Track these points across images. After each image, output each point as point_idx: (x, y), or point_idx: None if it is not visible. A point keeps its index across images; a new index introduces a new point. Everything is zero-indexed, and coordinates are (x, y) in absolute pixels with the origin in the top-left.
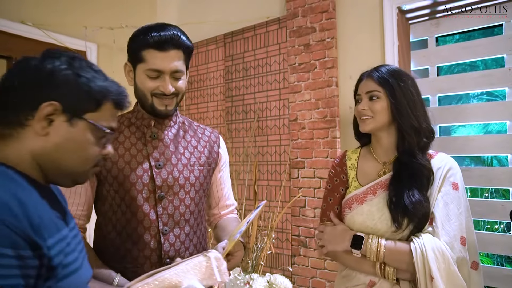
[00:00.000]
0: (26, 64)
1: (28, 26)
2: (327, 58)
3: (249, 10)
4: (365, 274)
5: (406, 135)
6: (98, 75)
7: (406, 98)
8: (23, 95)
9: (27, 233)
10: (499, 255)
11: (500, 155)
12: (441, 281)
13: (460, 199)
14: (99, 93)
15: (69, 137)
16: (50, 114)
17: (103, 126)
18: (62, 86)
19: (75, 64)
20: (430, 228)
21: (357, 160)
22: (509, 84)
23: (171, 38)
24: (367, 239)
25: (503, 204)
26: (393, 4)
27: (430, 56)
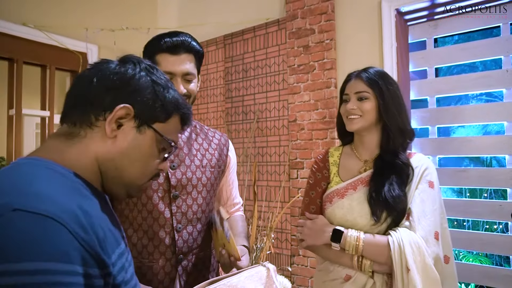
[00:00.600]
0: (107, 66)
1: (29, 28)
2: (326, 59)
3: (248, 12)
4: (342, 268)
5: (392, 135)
6: (171, 86)
7: (394, 100)
8: (99, 95)
9: (95, 249)
10: (498, 255)
11: (499, 155)
12: (417, 272)
13: (435, 196)
14: (171, 105)
15: (135, 144)
16: (121, 118)
17: (167, 137)
18: (139, 92)
19: (154, 72)
20: (407, 222)
21: (339, 157)
22: (507, 85)
23: (183, 42)
24: (347, 233)
25: (501, 204)
26: (391, 6)
27: (429, 58)
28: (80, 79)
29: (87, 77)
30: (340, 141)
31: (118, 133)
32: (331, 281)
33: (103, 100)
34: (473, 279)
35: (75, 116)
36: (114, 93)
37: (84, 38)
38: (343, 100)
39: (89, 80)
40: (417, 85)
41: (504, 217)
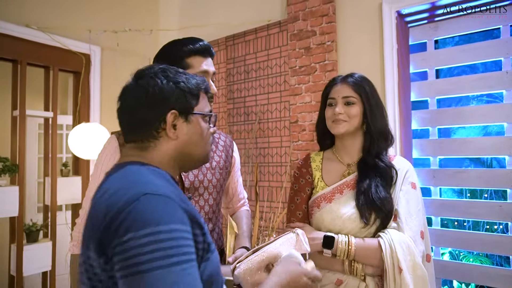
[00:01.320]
0: (136, 91)
1: (32, 30)
2: (327, 61)
3: (250, 14)
4: (332, 273)
5: (376, 139)
6: (186, 75)
7: (378, 105)
8: (147, 116)
9: (196, 216)
10: (498, 255)
11: (499, 156)
12: (408, 272)
13: (418, 197)
14: (195, 89)
15: (191, 133)
16: (173, 121)
17: (206, 112)
18: (171, 96)
19: (170, 75)
20: (395, 224)
21: (321, 162)
22: (507, 87)
23: (209, 47)
24: (337, 239)
25: (501, 205)
26: (392, 8)
27: (429, 59)
28: (123, 110)
29: (128, 107)
30: (319, 145)
31: (177, 133)
32: (322, 287)
33: (152, 117)
34: (474, 279)
35: (139, 136)
36: (157, 108)
37: (87, 40)
38: (327, 104)
39: (131, 109)
40: (417, 87)
41: (504, 217)
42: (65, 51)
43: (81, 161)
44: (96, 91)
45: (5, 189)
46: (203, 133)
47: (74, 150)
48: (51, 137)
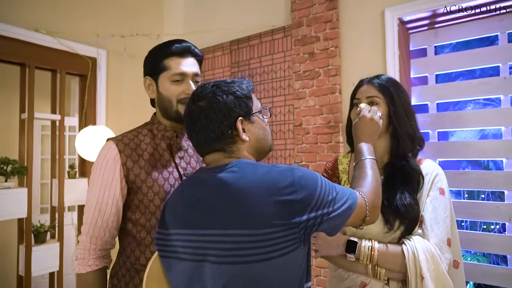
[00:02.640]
0: (205, 111)
1: (42, 34)
2: (331, 66)
3: (255, 19)
4: (356, 275)
5: (402, 141)
6: (235, 83)
7: (404, 107)
8: (221, 130)
9: None
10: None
11: (496, 159)
12: (430, 280)
13: (446, 203)
14: (248, 92)
15: (257, 129)
16: (242, 126)
17: (261, 108)
18: (235, 106)
19: (225, 89)
20: (420, 230)
21: (348, 164)
22: (504, 92)
23: (188, 47)
24: (360, 243)
25: (498, 206)
26: (394, 15)
27: (429, 64)
28: (199, 130)
29: (204, 126)
30: (350, 147)
31: (248, 134)
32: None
33: (226, 128)
34: (472, 278)
35: (220, 145)
36: (227, 120)
37: (94, 43)
38: (353, 104)
39: (207, 127)
40: (418, 91)
41: (501, 218)
42: (72, 55)
43: (87, 163)
44: (102, 94)
45: (14, 191)
46: (265, 127)
47: (81, 152)
48: (58, 139)
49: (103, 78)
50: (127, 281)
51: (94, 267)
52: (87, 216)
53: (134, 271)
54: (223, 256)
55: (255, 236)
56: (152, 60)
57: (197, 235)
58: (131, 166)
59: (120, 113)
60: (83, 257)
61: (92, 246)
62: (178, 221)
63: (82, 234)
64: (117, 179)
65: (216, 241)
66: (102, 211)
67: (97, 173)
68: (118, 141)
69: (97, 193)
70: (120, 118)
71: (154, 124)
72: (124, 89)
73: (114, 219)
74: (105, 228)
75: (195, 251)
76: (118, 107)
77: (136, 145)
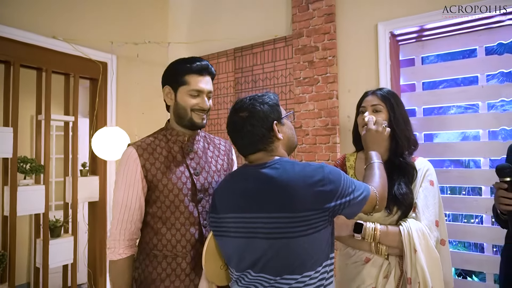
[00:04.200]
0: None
1: (58, 41)
2: (329, 73)
3: (258, 29)
4: (362, 252)
5: (400, 142)
6: (266, 95)
7: (402, 114)
8: (263, 133)
9: None
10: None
11: (475, 158)
12: (422, 252)
13: (435, 192)
14: (277, 101)
15: (287, 129)
16: (277, 128)
17: (286, 113)
18: (271, 113)
19: (259, 100)
20: (414, 214)
21: (354, 161)
22: (482, 99)
23: (207, 66)
24: (366, 225)
25: (476, 200)
26: (386, 29)
27: (417, 73)
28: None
29: (249, 131)
30: (355, 147)
31: (281, 134)
32: (353, 263)
33: (266, 131)
34: (454, 264)
35: (263, 146)
36: (266, 124)
37: (105, 49)
38: (359, 112)
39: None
40: (407, 97)
41: (479, 210)
42: (85, 60)
43: (98, 162)
44: (112, 96)
45: (33, 187)
46: (292, 127)
47: (97, 151)
48: (72, 139)
49: (113, 82)
50: (147, 263)
51: (124, 255)
52: (115, 212)
53: (153, 255)
54: (270, 233)
55: (296, 218)
56: (174, 73)
57: (248, 217)
58: (149, 167)
59: (129, 114)
60: (114, 247)
61: (121, 237)
62: (230, 207)
63: (112, 227)
64: (138, 179)
65: (264, 222)
66: (128, 207)
67: (121, 175)
68: (138, 146)
69: (123, 193)
70: (128, 119)
71: (168, 130)
72: (132, 92)
73: (138, 213)
74: (131, 221)
75: (247, 229)
76: (127, 109)
77: (153, 149)
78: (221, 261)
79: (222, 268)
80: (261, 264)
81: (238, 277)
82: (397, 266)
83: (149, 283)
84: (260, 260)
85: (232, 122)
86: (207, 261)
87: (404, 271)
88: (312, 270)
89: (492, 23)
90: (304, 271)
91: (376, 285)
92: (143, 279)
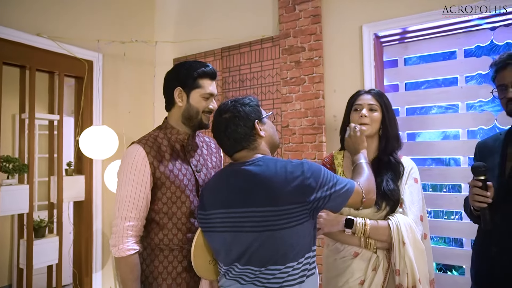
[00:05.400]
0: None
1: (43, 38)
2: (315, 74)
3: (245, 29)
4: (350, 247)
5: (391, 141)
6: (247, 97)
7: (393, 114)
8: (245, 132)
9: None
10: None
11: (455, 157)
12: (410, 245)
13: (419, 189)
14: (257, 103)
15: (268, 128)
16: (259, 126)
17: (268, 114)
18: (252, 113)
19: (240, 102)
20: (401, 209)
21: (342, 159)
22: (462, 99)
23: (215, 72)
24: (356, 221)
25: (456, 197)
26: (370, 31)
27: (400, 74)
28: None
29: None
30: (341, 145)
31: (263, 132)
32: (341, 258)
33: (248, 130)
34: (436, 259)
35: (246, 144)
36: (248, 123)
37: (91, 47)
38: (353, 109)
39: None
40: (390, 97)
41: (458, 207)
42: (70, 58)
43: (84, 161)
44: (99, 95)
45: (16, 187)
46: (273, 126)
47: (84, 151)
48: (57, 138)
49: (99, 80)
50: (152, 258)
51: (133, 251)
52: (121, 210)
53: (159, 249)
54: (255, 226)
55: (278, 211)
56: (187, 76)
57: (234, 212)
58: (157, 165)
59: (116, 113)
60: (121, 243)
61: (128, 233)
62: (217, 203)
63: (118, 225)
64: (147, 177)
65: (250, 216)
66: (135, 204)
67: (128, 173)
68: (144, 144)
69: (130, 190)
70: (115, 118)
71: (168, 128)
72: (119, 91)
73: (145, 210)
74: (138, 218)
75: (234, 224)
76: (114, 108)
77: (158, 147)
78: (210, 256)
79: (211, 263)
80: (247, 256)
81: (226, 270)
82: (385, 259)
83: (156, 276)
84: (246, 252)
85: (217, 124)
86: (196, 256)
87: (392, 263)
88: (294, 261)
89: (471, 27)
90: (286, 262)
91: (365, 278)
92: (148, 274)
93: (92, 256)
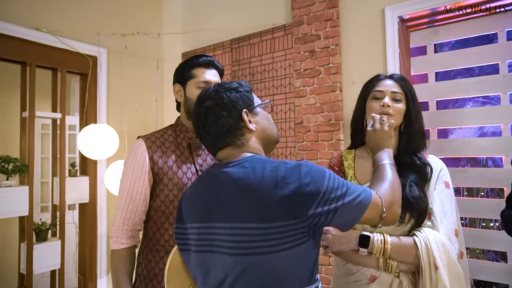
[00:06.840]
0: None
1: (42, 33)
2: (331, 64)
3: (255, 18)
4: (366, 269)
5: (415, 138)
6: (235, 81)
7: (418, 106)
8: (229, 123)
9: None
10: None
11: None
12: (443, 269)
13: (452, 196)
14: (247, 88)
15: (261, 119)
16: (247, 117)
17: (262, 102)
18: (238, 101)
19: (226, 87)
20: (429, 222)
21: (353, 160)
22: (503, 90)
23: (212, 61)
24: (373, 238)
25: (498, 203)
26: (394, 13)
27: (429, 62)
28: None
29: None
30: (352, 142)
31: (254, 124)
32: (354, 282)
33: (233, 121)
34: (471, 275)
35: (231, 139)
36: (234, 113)
37: (94, 42)
38: (372, 97)
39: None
40: (418, 89)
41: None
42: (73, 53)
43: (88, 161)
44: (103, 92)
45: (16, 189)
46: (269, 117)
47: (83, 150)
48: (60, 137)
49: (104, 77)
50: (149, 259)
51: (126, 245)
52: (120, 202)
53: (155, 250)
54: (236, 248)
55: (265, 229)
56: (181, 70)
57: (211, 227)
58: (156, 160)
59: (120, 110)
60: (117, 236)
61: (124, 227)
62: (194, 215)
63: (116, 217)
64: (145, 171)
65: (229, 234)
66: (133, 198)
67: (129, 166)
68: (147, 139)
69: (129, 183)
70: (121, 116)
71: (178, 126)
72: (124, 87)
73: (143, 205)
74: (135, 212)
75: (211, 242)
76: (119, 105)
77: (162, 143)
78: (189, 280)
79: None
80: (228, 285)
81: None
82: (409, 285)
83: (152, 278)
84: (226, 280)
85: (196, 114)
86: (170, 280)
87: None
88: None
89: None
90: None
91: None
92: (146, 274)
93: (97, 261)
